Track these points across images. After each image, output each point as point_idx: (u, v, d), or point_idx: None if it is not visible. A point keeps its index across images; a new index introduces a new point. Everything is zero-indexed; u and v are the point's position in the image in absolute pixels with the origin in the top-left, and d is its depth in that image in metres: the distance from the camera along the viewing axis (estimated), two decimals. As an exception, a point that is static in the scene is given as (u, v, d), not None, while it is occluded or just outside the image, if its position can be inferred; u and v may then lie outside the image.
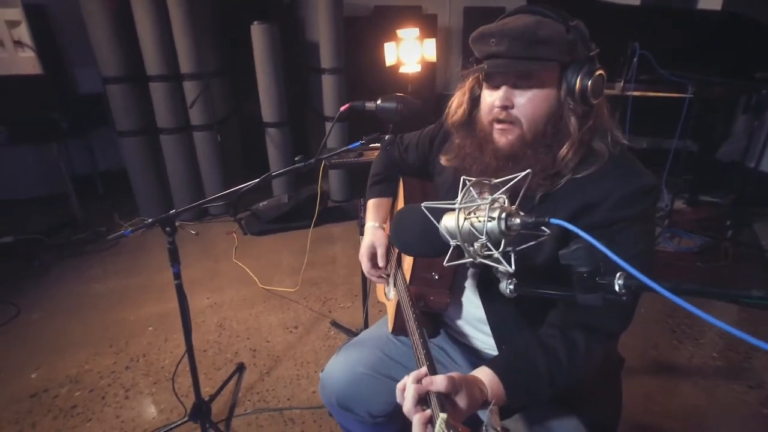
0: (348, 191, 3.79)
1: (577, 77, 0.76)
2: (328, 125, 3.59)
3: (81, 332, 2.19)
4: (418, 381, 0.66)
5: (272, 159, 3.59)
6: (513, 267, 0.57)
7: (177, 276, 1.34)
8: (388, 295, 1.19)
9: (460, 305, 0.99)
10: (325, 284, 2.58)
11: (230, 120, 3.81)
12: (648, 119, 2.76)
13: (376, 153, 1.25)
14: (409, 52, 2.27)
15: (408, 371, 1.01)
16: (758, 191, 3.29)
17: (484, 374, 0.71)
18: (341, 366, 1.04)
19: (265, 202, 3.38)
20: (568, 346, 0.74)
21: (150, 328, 2.22)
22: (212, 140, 3.33)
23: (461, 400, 0.65)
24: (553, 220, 0.53)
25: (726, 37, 3.01)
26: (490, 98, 0.83)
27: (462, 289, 0.98)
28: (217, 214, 3.52)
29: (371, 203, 1.24)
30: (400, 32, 2.29)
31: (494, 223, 0.57)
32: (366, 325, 1.90)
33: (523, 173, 0.59)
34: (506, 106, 0.80)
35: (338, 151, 1.13)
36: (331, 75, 3.42)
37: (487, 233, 0.57)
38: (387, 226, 1.22)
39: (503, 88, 0.79)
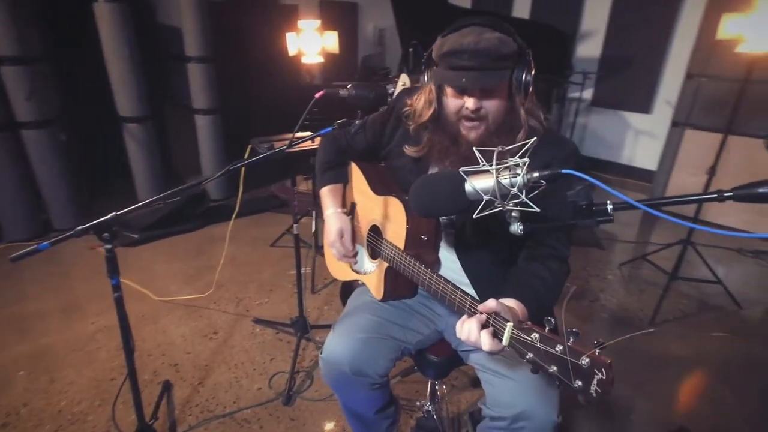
0: (227, 189, 3.59)
1: (522, 76, 0.99)
2: (200, 118, 3.32)
3: None
4: (471, 315, 0.81)
5: (134, 159, 3.16)
6: (537, 209, 0.76)
7: (117, 288, 1.18)
8: (361, 269, 1.28)
9: (438, 261, 1.16)
10: (232, 285, 2.46)
11: (73, 115, 3.19)
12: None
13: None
14: (309, 43, 2.29)
15: (403, 329, 1.16)
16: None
17: (509, 302, 0.89)
18: (344, 338, 1.11)
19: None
20: (550, 271, 0.98)
21: (21, 373, 1.81)
22: (51, 139, 2.75)
23: (507, 317, 0.82)
24: (564, 170, 0.74)
25: (539, 40, 3.83)
26: (458, 101, 1.00)
27: (439, 248, 1.15)
28: (64, 229, 2.94)
29: (326, 190, 1.29)
30: (300, 23, 2.29)
31: (520, 178, 0.75)
32: (301, 312, 1.93)
33: (533, 140, 0.78)
34: (477, 109, 0.98)
35: (309, 137, 1.15)
36: (199, 64, 3.17)
37: (518, 186, 0.74)
38: (346, 210, 1.31)
39: (473, 98, 0.97)
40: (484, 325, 0.81)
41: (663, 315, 2.22)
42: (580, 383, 0.68)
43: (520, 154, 0.77)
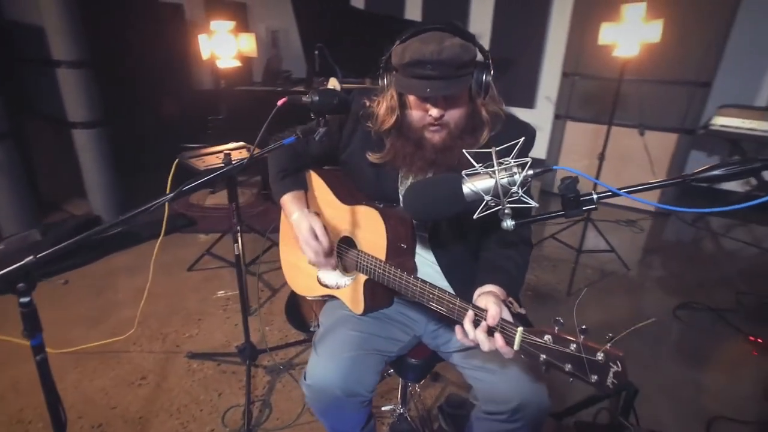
0: (120, 211, 3.14)
1: (483, 77, 1.03)
2: (79, 133, 2.84)
3: None
4: (474, 323, 0.83)
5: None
6: (537, 203, 0.80)
7: (39, 349, 0.95)
8: (331, 283, 1.22)
9: (416, 265, 1.16)
10: (152, 320, 2.16)
11: None
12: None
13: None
14: (223, 45, 2.09)
15: (386, 340, 1.13)
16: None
17: (491, 288, 0.94)
18: (330, 359, 1.04)
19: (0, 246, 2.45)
20: (518, 254, 1.07)
21: None
22: None
23: (503, 312, 0.85)
24: (555, 167, 0.79)
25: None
26: (421, 108, 1.01)
27: (415, 253, 1.15)
28: None
29: (289, 197, 1.21)
30: (213, 24, 2.07)
31: (518, 176, 0.78)
32: (247, 338, 1.77)
33: (521, 140, 0.82)
34: (440, 116, 1.00)
35: (272, 146, 1.05)
36: (72, 69, 2.71)
37: (518, 184, 0.78)
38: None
39: (437, 107, 0.99)
40: (489, 332, 0.84)
41: (576, 285, 2.52)
42: (596, 377, 0.73)
43: (513, 154, 0.81)
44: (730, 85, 3.40)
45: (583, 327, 0.75)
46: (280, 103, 1.00)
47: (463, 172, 0.81)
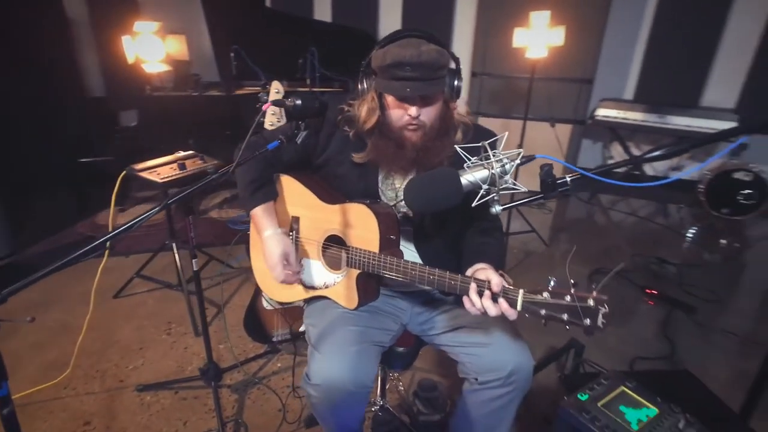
0: (9, 243, 2.69)
1: (455, 82, 1.12)
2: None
3: None
4: (479, 293, 0.91)
5: None
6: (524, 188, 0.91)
7: (6, 401, 0.83)
8: (317, 284, 1.23)
9: (402, 254, 1.22)
10: (83, 359, 1.91)
11: None
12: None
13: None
14: (149, 48, 1.89)
15: (381, 331, 1.18)
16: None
17: (485, 265, 1.02)
18: (337, 355, 1.05)
19: None
20: (494, 238, 1.19)
21: None
22: None
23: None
24: (538, 155, 0.91)
25: (354, 45, 4.12)
26: (400, 109, 1.08)
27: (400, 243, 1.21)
28: None
29: (260, 210, 1.20)
30: (137, 24, 1.85)
31: (510, 165, 0.89)
32: (210, 358, 1.67)
33: (505, 134, 0.92)
34: (417, 116, 1.08)
35: (256, 154, 1.00)
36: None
37: (510, 173, 0.88)
38: (285, 229, 1.24)
39: (415, 106, 1.06)
40: (493, 298, 0.93)
41: (507, 265, 2.79)
42: (588, 321, 0.86)
43: (501, 146, 0.91)
44: (607, 81, 4.00)
45: (572, 282, 0.88)
46: (264, 107, 0.99)
47: (465, 166, 0.89)
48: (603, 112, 3.82)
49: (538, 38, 2.33)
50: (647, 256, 2.97)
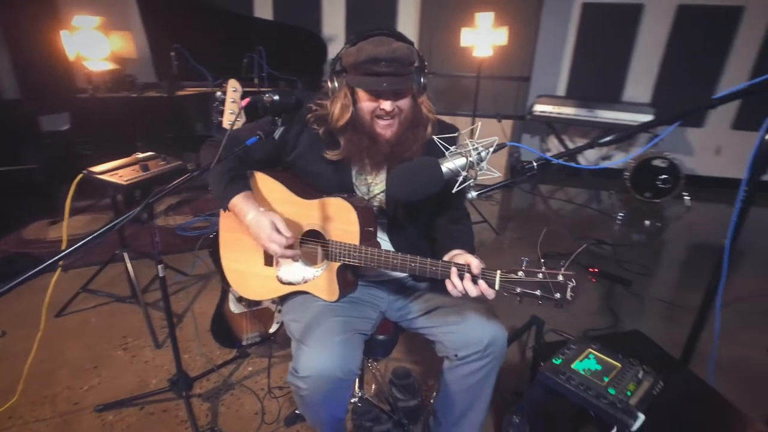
0: None
1: (422, 79, 1.18)
2: None
3: None
4: (460, 276, 0.98)
5: None
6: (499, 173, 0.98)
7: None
8: (296, 279, 1.23)
9: (380, 245, 1.26)
10: (30, 384, 1.73)
11: None
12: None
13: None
14: (90, 45, 1.74)
15: (363, 320, 1.22)
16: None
17: (460, 251, 1.09)
18: (324, 346, 1.06)
19: None
20: (465, 225, 1.27)
21: None
22: None
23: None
24: (510, 143, 0.99)
25: (293, 42, 4.07)
26: (372, 103, 1.12)
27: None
28: None
29: (240, 198, 1.17)
30: (75, 19, 1.69)
31: (486, 152, 0.96)
32: (179, 367, 1.60)
33: (478, 124, 0.99)
34: (392, 109, 1.12)
35: (237, 150, 0.98)
36: None
37: (485, 160, 0.95)
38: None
39: (389, 100, 1.10)
40: (473, 280, 1.00)
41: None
42: (558, 295, 0.95)
43: (476, 136, 0.98)
44: (543, 79, 4.30)
45: (543, 260, 0.97)
46: (243, 103, 0.98)
47: (446, 155, 0.95)
48: (540, 108, 4.10)
49: (484, 38, 2.47)
50: (587, 239, 3.24)
